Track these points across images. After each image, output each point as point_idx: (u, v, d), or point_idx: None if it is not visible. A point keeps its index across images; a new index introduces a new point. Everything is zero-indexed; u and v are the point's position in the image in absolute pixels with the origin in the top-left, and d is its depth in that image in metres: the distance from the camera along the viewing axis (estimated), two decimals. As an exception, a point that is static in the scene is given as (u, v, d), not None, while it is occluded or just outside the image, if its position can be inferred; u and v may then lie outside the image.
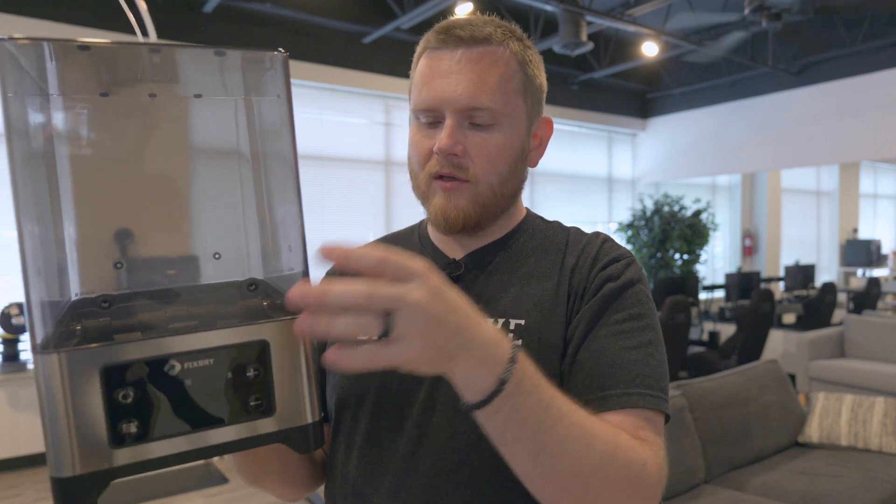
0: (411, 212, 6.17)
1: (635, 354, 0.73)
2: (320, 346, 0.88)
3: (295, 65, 5.33)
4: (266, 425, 0.57)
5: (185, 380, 0.54)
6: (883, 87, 6.15)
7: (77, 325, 0.56)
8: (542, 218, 0.92)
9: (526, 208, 0.92)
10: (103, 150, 0.61)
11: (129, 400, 0.52)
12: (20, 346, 4.23)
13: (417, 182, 0.83)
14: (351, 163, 5.81)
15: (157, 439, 0.53)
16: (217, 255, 0.65)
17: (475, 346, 0.53)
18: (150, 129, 0.63)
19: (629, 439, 0.65)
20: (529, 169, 0.87)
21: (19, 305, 4.07)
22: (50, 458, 0.50)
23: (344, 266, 0.49)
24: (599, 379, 0.72)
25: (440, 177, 0.79)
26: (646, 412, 0.71)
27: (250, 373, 0.57)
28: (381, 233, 6.81)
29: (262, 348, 0.57)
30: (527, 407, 0.56)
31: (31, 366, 4.25)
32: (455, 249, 0.87)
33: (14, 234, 0.53)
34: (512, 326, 0.78)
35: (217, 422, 0.55)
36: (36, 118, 0.56)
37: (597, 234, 0.86)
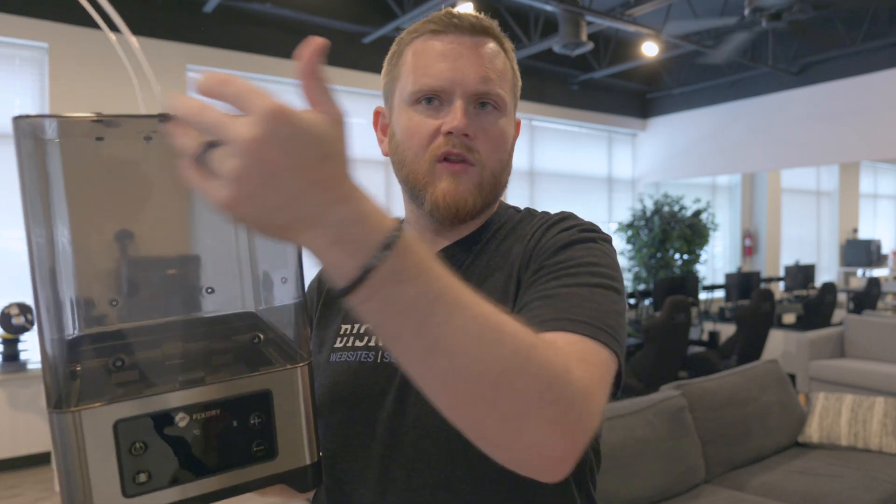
0: (411, 212, 6.18)
1: (577, 290, 0.66)
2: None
3: (295, 65, 5.33)
4: (269, 468, 0.61)
5: (192, 430, 0.57)
6: (883, 87, 6.15)
7: (78, 367, 0.59)
8: (515, 208, 0.90)
9: (500, 201, 0.91)
10: (99, 192, 0.64)
11: (141, 452, 0.55)
12: (20, 346, 4.23)
13: (415, 168, 0.79)
14: (350, 162, 5.80)
15: (167, 487, 0.56)
16: (209, 289, 0.68)
17: (328, 221, 0.44)
18: (145, 165, 0.65)
19: (549, 344, 0.56)
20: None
21: (19, 305, 4.07)
22: None
23: (210, 96, 0.44)
24: (531, 312, 0.66)
25: (446, 159, 0.78)
26: (583, 340, 0.61)
27: (254, 420, 0.60)
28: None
29: (265, 397, 0.60)
30: (406, 298, 0.47)
31: (31, 366, 4.26)
32: (431, 247, 0.85)
33: (12, 235, 0.54)
34: None
35: (223, 468, 0.59)
36: (34, 159, 0.58)
37: (560, 213, 0.84)
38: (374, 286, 0.46)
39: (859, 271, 10.37)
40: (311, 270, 0.61)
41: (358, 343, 0.82)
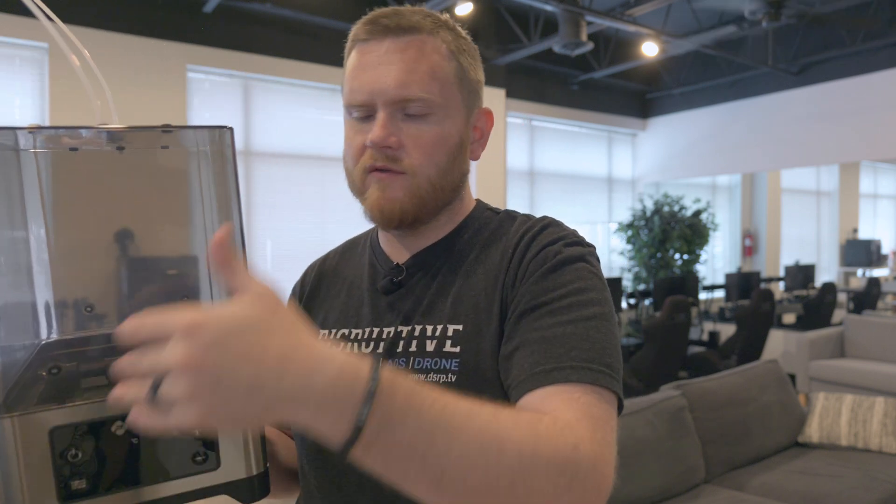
0: (411, 212, 6.17)
1: (572, 328, 0.66)
2: None
3: (295, 65, 5.33)
4: (211, 478, 0.60)
5: (131, 438, 0.57)
6: (883, 87, 6.15)
7: (44, 372, 0.59)
8: (491, 209, 0.87)
9: (477, 200, 0.88)
10: (72, 201, 0.64)
11: (78, 458, 0.55)
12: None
13: (352, 178, 0.79)
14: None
15: (106, 494, 0.56)
16: (184, 299, 0.68)
17: (306, 395, 0.45)
18: (117, 176, 0.65)
19: (551, 424, 0.56)
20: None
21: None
22: None
23: (132, 372, 0.46)
24: (531, 357, 0.65)
25: (378, 171, 0.76)
26: (583, 388, 0.62)
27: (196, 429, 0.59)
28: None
29: None
30: (404, 440, 0.48)
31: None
32: (401, 252, 0.84)
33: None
34: (450, 333, 0.74)
35: (163, 477, 0.58)
36: (5, 167, 0.59)
37: (542, 218, 0.81)
38: (369, 439, 0.46)
39: (859, 271, 10.37)
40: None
41: None
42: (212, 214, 0.67)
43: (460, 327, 0.74)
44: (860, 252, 10.03)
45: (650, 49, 6.01)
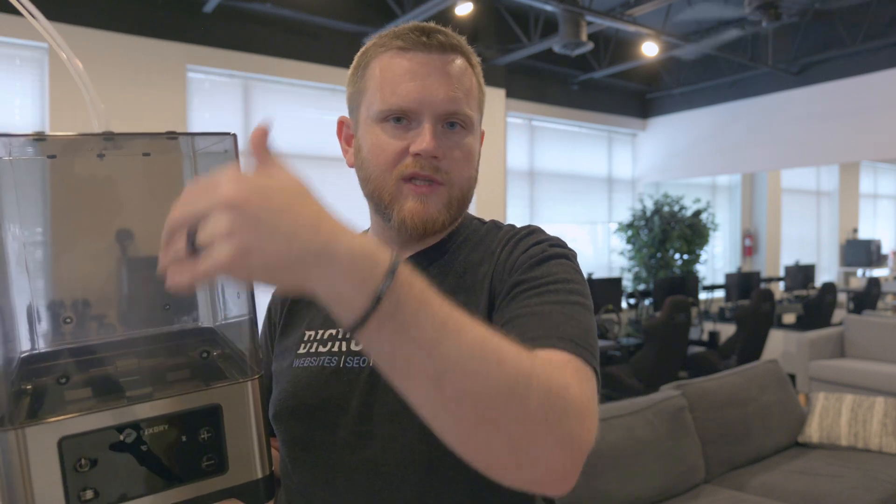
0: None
1: (559, 308, 0.68)
2: (266, 368, 0.89)
3: (295, 65, 5.33)
4: (219, 482, 0.60)
5: (140, 445, 0.57)
6: (883, 87, 6.15)
7: (28, 387, 0.58)
8: (479, 220, 0.91)
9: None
10: (52, 209, 0.64)
11: (87, 469, 0.54)
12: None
13: (381, 185, 0.79)
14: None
15: (115, 503, 0.55)
16: (166, 306, 0.68)
17: (335, 255, 0.46)
18: (99, 187, 0.65)
19: (546, 361, 0.58)
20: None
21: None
22: None
23: (175, 231, 0.46)
24: (520, 328, 0.67)
25: (412, 179, 0.78)
26: (568, 355, 0.63)
27: (203, 435, 0.60)
28: None
29: (214, 412, 0.60)
30: (417, 324, 0.48)
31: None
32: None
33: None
34: None
35: (172, 483, 0.58)
36: None
37: (527, 225, 0.84)
38: (385, 314, 0.47)
39: (859, 271, 10.37)
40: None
41: (321, 349, 0.82)
42: None
43: None
44: (860, 252, 10.03)
45: (650, 49, 6.01)
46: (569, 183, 7.77)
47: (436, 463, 0.71)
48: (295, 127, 5.51)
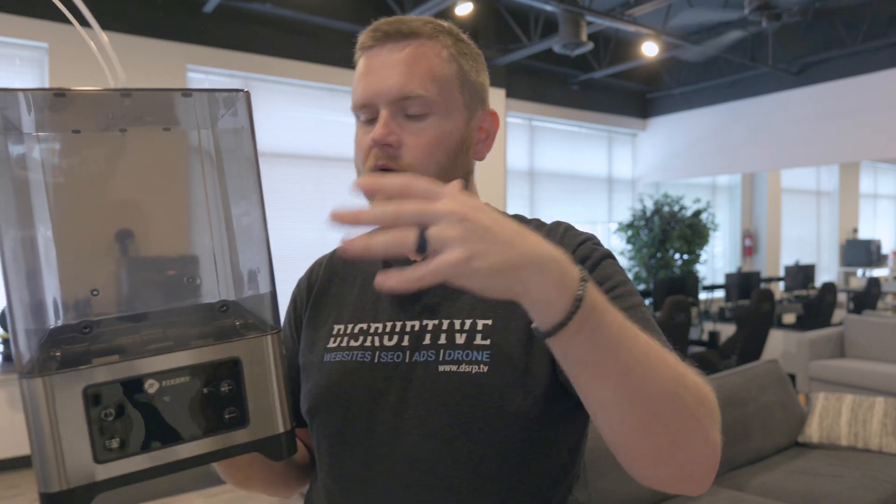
0: (411, 212, 6.17)
1: (633, 313, 0.71)
2: (290, 359, 0.89)
3: (295, 65, 5.33)
4: (240, 436, 0.61)
5: (162, 396, 0.58)
6: (883, 87, 6.15)
7: (57, 351, 0.59)
8: (501, 212, 0.91)
9: (486, 203, 0.91)
10: (78, 184, 0.64)
11: (111, 418, 0.55)
12: (20, 346, 4.23)
13: None
14: (351, 163, 5.79)
15: (138, 454, 0.57)
16: (190, 280, 0.69)
17: (543, 261, 0.51)
18: (122, 161, 0.66)
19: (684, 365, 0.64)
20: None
21: (19, 305, 4.07)
22: (38, 474, 0.54)
23: (371, 195, 0.50)
24: None
25: (380, 170, 0.80)
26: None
27: (224, 388, 0.61)
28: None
29: (234, 365, 0.61)
30: (606, 326, 0.53)
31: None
32: None
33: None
34: (479, 327, 0.77)
35: (194, 435, 0.59)
36: (13, 155, 0.59)
37: (557, 223, 0.85)
38: (582, 318, 0.52)
39: (859, 271, 10.37)
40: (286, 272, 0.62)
41: (353, 343, 0.82)
42: (232, 191, 0.67)
43: (489, 322, 0.77)
44: (860, 252, 10.03)
45: (650, 49, 6.01)
46: (569, 183, 7.77)
47: (474, 457, 0.72)
48: (295, 127, 5.51)
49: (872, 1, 5.78)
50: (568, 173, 7.76)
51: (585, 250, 0.78)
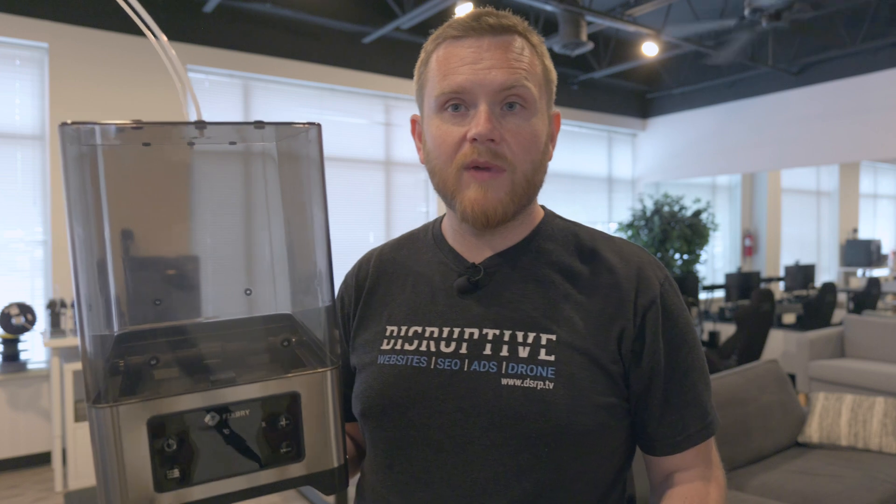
0: (411, 212, 6.17)
1: (701, 386, 0.82)
2: (346, 390, 0.89)
3: (295, 65, 5.33)
4: (296, 469, 0.62)
5: (222, 429, 0.59)
6: (883, 87, 6.15)
7: (122, 362, 0.61)
8: (560, 217, 0.89)
9: (542, 206, 0.90)
10: (142, 194, 0.66)
11: (172, 448, 0.56)
12: (20, 345, 4.23)
13: (444, 176, 0.79)
14: (351, 163, 5.81)
15: (196, 484, 0.58)
16: (249, 292, 0.70)
17: None
18: (189, 175, 0.67)
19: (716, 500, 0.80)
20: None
21: (19, 305, 4.07)
22: (101, 498, 0.55)
23: None
24: (678, 419, 0.80)
25: (474, 168, 0.76)
26: (709, 441, 0.82)
27: (282, 422, 0.62)
28: (381, 233, 6.65)
29: (293, 399, 0.62)
30: None
31: (31, 366, 4.25)
32: (473, 250, 0.84)
33: (13, 235, 0.55)
34: (544, 342, 0.76)
35: (251, 467, 0.60)
36: (84, 162, 0.60)
37: (627, 245, 0.84)
38: None
39: (859, 271, 10.37)
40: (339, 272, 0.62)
41: (408, 346, 0.81)
42: (298, 211, 0.68)
43: (554, 337, 0.76)
44: (860, 252, 10.03)
45: (650, 49, 6.01)
46: (569, 183, 7.77)
47: (536, 468, 0.73)
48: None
49: (872, 1, 5.78)
50: (568, 173, 7.75)
51: (665, 302, 0.80)
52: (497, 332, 0.78)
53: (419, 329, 0.81)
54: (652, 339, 0.77)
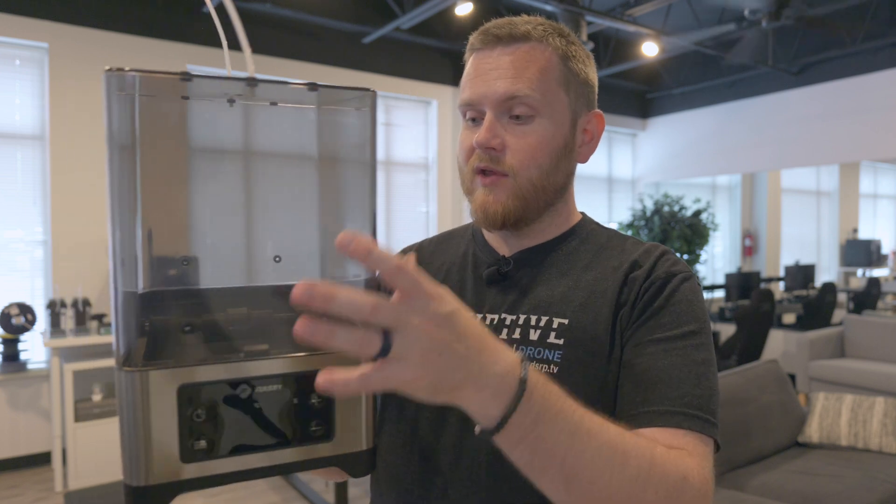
0: (411, 212, 6.17)
1: (685, 372, 0.71)
2: None
3: (295, 65, 5.33)
4: (324, 449, 0.61)
5: (253, 402, 0.58)
6: (883, 87, 6.15)
7: (147, 323, 0.59)
8: (597, 223, 0.92)
9: (582, 213, 0.93)
10: (182, 151, 0.64)
11: (201, 419, 0.55)
12: (20, 345, 4.23)
13: (463, 178, 0.85)
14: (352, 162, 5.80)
15: (224, 457, 0.56)
16: (277, 258, 0.67)
17: (485, 376, 0.51)
18: (227, 133, 0.65)
19: (665, 452, 0.62)
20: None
21: (19, 305, 4.07)
22: (125, 466, 0.54)
23: (361, 262, 0.45)
24: (644, 392, 0.71)
25: (481, 172, 0.81)
26: (691, 434, 0.68)
27: (314, 400, 0.60)
28: (381, 233, 6.69)
29: None
30: (552, 436, 0.54)
31: (31, 366, 4.25)
32: (507, 247, 0.88)
33: (13, 235, 0.54)
34: (555, 325, 0.78)
35: (280, 443, 0.59)
36: (120, 115, 0.58)
37: (655, 245, 0.84)
38: (522, 432, 0.53)
39: (859, 271, 10.37)
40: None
41: None
42: (341, 169, 0.67)
43: (566, 321, 0.78)
44: (860, 252, 10.03)
45: (650, 49, 6.01)
46: (569, 183, 7.76)
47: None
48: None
49: (872, 1, 5.78)
50: (568, 173, 7.75)
51: (669, 286, 0.77)
52: (514, 316, 0.81)
53: None
54: (641, 311, 0.76)
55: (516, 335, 0.79)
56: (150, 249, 0.60)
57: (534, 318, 0.79)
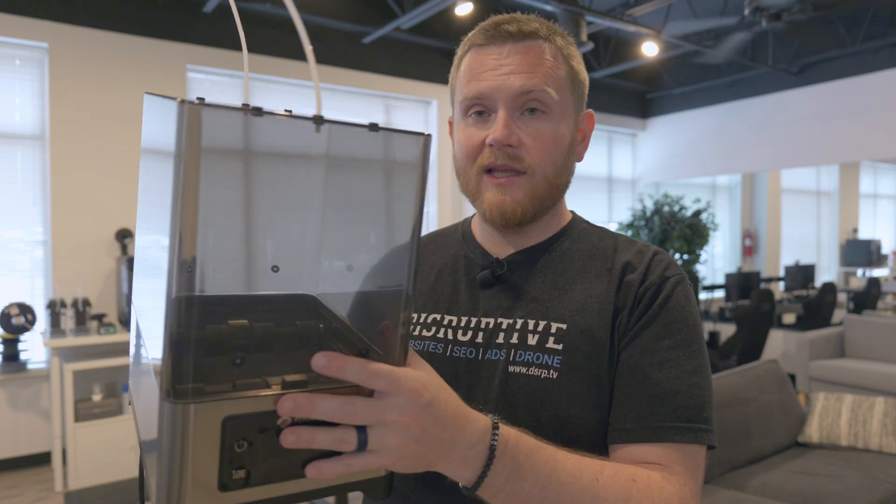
0: (411, 212, 6.17)
1: (677, 384, 0.72)
2: None
3: (295, 65, 5.33)
4: (349, 476, 0.62)
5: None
6: (883, 87, 6.15)
7: (198, 371, 0.58)
8: (588, 222, 0.91)
9: (571, 211, 0.92)
10: (237, 177, 0.62)
11: (244, 449, 0.55)
12: (20, 345, 4.23)
13: (467, 178, 0.82)
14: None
15: (259, 486, 0.57)
16: (275, 268, 0.65)
17: (458, 450, 0.55)
18: (285, 167, 0.64)
19: (642, 489, 0.64)
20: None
21: (19, 305, 4.07)
22: (160, 493, 0.54)
23: (339, 377, 0.50)
24: (638, 408, 0.71)
25: (491, 170, 0.79)
26: (683, 447, 0.70)
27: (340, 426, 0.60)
28: (381, 234, 6.87)
29: None
30: (525, 490, 0.58)
31: (31, 366, 4.25)
32: (499, 247, 0.87)
33: (13, 235, 0.54)
34: (553, 330, 0.77)
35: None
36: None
37: (647, 246, 0.84)
38: (496, 489, 0.57)
39: (859, 271, 10.37)
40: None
41: (425, 332, 0.83)
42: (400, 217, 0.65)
43: (564, 326, 0.77)
44: (860, 252, 10.03)
45: (650, 49, 6.01)
46: (569, 183, 7.77)
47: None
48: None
49: (872, 1, 5.78)
50: (568, 173, 7.75)
51: (663, 291, 0.77)
52: (510, 320, 0.80)
53: (438, 317, 0.84)
54: (637, 319, 0.76)
55: (514, 339, 0.78)
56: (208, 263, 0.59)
57: (531, 323, 0.78)
